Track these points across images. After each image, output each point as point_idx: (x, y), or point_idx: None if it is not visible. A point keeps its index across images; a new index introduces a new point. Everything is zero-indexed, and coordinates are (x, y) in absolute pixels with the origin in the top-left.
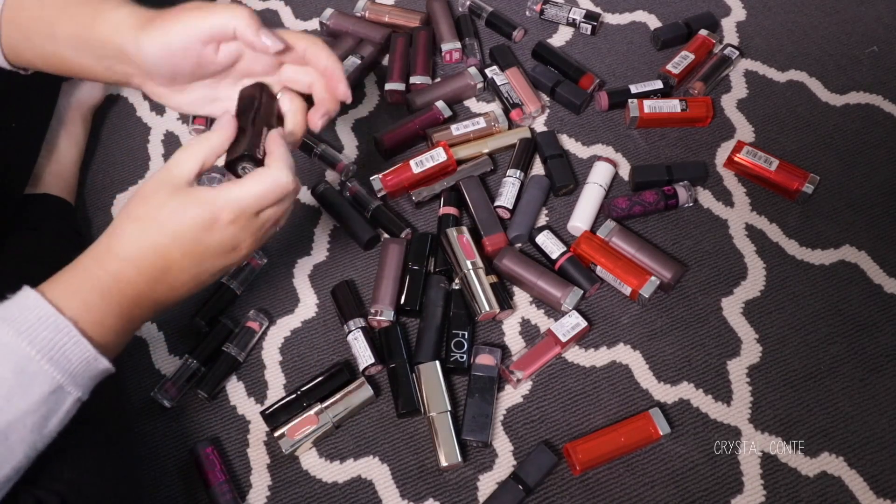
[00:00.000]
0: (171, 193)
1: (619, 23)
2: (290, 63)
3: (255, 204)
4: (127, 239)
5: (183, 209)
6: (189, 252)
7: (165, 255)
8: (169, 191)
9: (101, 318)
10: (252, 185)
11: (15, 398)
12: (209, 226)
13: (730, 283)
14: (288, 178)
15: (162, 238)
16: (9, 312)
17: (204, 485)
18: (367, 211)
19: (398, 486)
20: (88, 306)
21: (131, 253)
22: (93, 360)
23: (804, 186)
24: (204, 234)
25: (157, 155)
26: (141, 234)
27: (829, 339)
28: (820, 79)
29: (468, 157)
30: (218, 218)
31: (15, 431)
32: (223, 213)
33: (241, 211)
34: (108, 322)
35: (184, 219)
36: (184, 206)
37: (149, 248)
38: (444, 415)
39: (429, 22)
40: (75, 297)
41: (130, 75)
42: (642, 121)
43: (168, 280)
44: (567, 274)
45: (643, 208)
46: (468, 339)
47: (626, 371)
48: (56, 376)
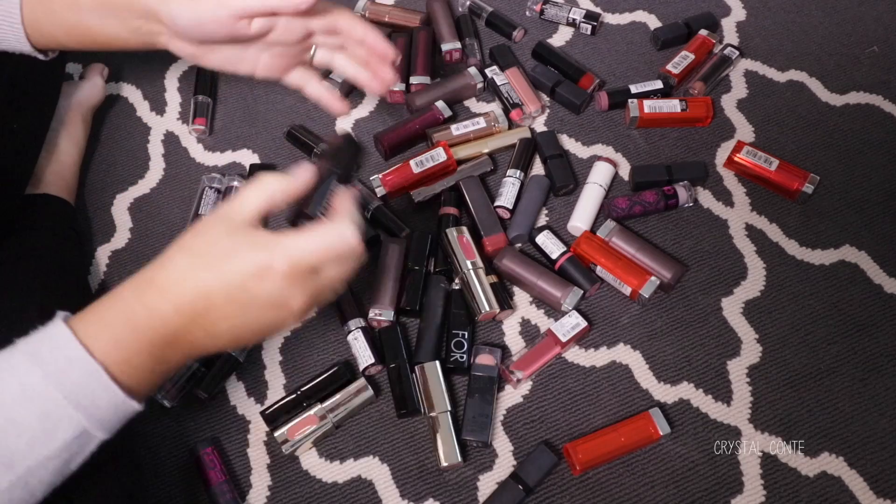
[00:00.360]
0: (228, 231)
1: (619, 23)
2: (322, 34)
3: (315, 258)
4: (172, 271)
5: (237, 250)
6: (234, 298)
7: (208, 295)
8: (226, 227)
9: (130, 356)
10: (315, 238)
11: (38, 444)
12: (261, 273)
13: (730, 283)
14: (354, 237)
15: (208, 276)
16: (38, 350)
17: (204, 485)
18: (367, 211)
19: (398, 486)
20: (118, 342)
21: (173, 287)
22: (121, 404)
23: (804, 186)
24: (253, 282)
25: (157, 155)
26: (187, 268)
27: (829, 339)
28: (820, 79)
29: (468, 157)
30: (272, 266)
31: (35, 476)
32: (279, 261)
33: (299, 263)
34: (137, 361)
35: (235, 260)
36: (239, 246)
37: (192, 286)
38: (444, 415)
39: (429, 22)
40: (106, 330)
41: (157, 34)
42: (642, 121)
43: (206, 324)
44: (567, 274)
45: (643, 208)
46: (468, 339)
47: (626, 371)
48: (83, 422)
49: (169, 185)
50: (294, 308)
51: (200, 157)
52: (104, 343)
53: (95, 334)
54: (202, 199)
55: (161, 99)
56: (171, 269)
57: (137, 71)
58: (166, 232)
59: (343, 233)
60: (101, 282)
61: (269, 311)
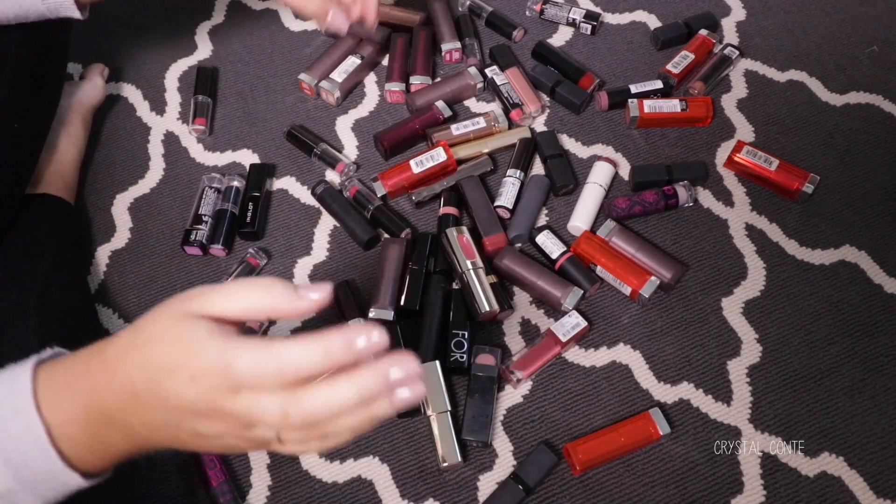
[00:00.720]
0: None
1: (619, 23)
2: None
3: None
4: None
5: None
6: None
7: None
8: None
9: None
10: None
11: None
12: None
13: (730, 283)
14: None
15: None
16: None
17: (204, 485)
18: (367, 211)
19: (398, 486)
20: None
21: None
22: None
23: (804, 186)
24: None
25: (157, 155)
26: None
27: (829, 339)
28: (820, 79)
29: (468, 157)
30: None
31: None
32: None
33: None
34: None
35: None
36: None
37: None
38: (444, 415)
39: (429, 22)
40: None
41: None
42: (642, 121)
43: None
44: (567, 274)
45: (643, 208)
46: (468, 339)
47: (626, 371)
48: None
49: (169, 185)
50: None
51: (200, 157)
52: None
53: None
54: (202, 199)
55: (161, 99)
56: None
57: (137, 71)
58: (166, 232)
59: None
60: (101, 282)
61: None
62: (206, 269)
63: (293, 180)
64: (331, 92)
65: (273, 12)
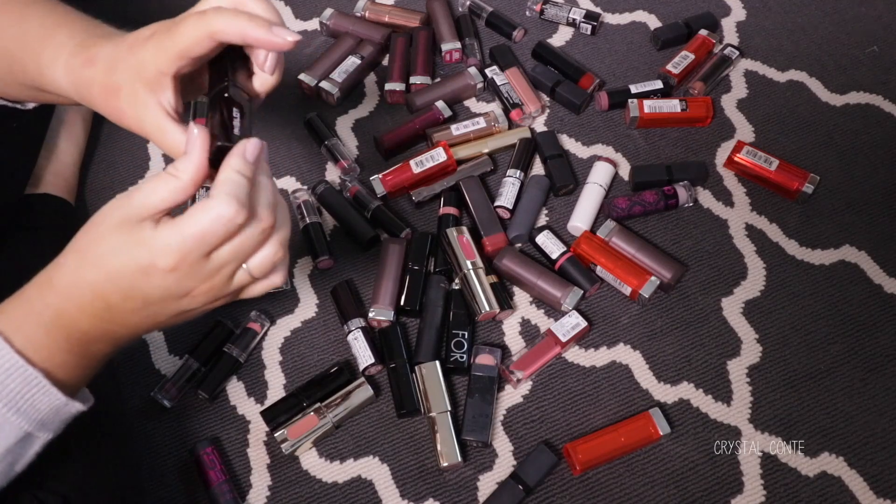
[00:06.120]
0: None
1: (619, 23)
2: None
3: (196, 246)
4: (65, 270)
5: (119, 249)
6: (129, 296)
7: (103, 295)
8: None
9: (45, 353)
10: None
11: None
12: (146, 271)
13: (730, 283)
14: (230, 210)
15: (97, 277)
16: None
17: (204, 485)
18: (367, 211)
19: (398, 486)
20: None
21: (69, 288)
22: (63, 405)
23: (804, 186)
24: (141, 280)
25: (156, 155)
26: (77, 267)
27: (829, 339)
28: (820, 79)
29: (468, 157)
30: (154, 264)
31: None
32: (160, 258)
33: (182, 255)
34: (60, 358)
35: (119, 259)
36: (121, 245)
37: (85, 286)
38: (444, 415)
39: (429, 22)
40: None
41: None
42: (642, 121)
43: (116, 319)
44: (567, 274)
45: (643, 208)
46: (468, 339)
47: (626, 371)
48: (24, 426)
49: None
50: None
51: None
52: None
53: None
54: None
55: None
56: (64, 270)
57: None
58: None
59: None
60: None
61: (172, 302)
62: None
63: (293, 180)
64: (331, 92)
65: None
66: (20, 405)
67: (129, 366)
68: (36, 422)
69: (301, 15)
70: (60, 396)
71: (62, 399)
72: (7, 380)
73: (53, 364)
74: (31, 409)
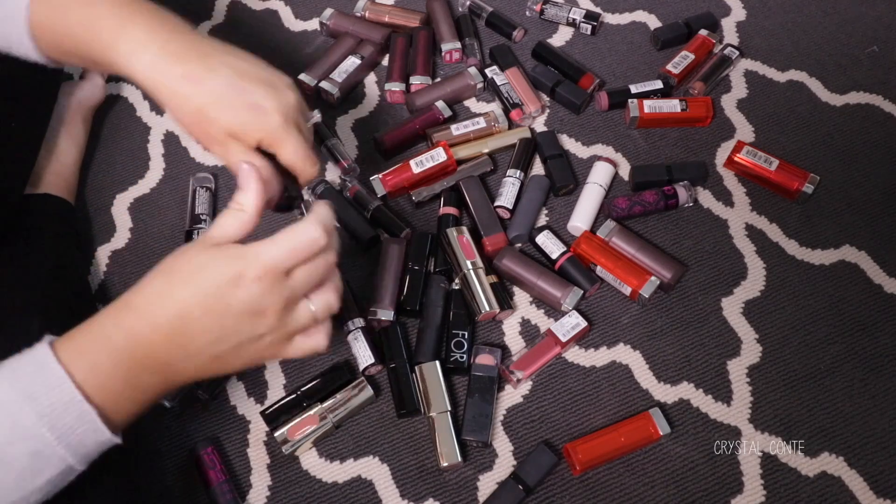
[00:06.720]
0: (203, 250)
1: (619, 23)
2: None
3: (283, 259)
4: (149, 291)
5: (210, 263)
6: (211, 309)
7: (185, 310)
8: (201, 247)
9: (106, 381)
10: (281, 240)
11: (25, 480)
12: (235, 280)
13: (730, 283)
14: (317, 232)
15: (184, 292)
16: (31, 388)
17: (204, 485)
18: (367, 211)
19: (398, 486)
20: (95, 368)
21: (150, 307)
22: (106, 441)
23: (804, 186)
24: (228, 290)
25: (157, 155)
26: (163, 286)
27: (829, 339)
28: (820, 79)
29: (468, 157)
30: (244, 273)
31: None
32: (250, 267)
33: (269, 267)
34: (112, 386)
35: (210, 272)
36: (212, 259)
37: (169, 302)
38: (444, 415)
39: (429, 22)
40: (83, 357)
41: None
42: (642, 121)
43: (184, 341)
44: (567, 274)
45: (643, 208)
46: (468, 339)
47: (626, 371)
48: (69, 460)
49: (169, 185)
50: (270, 318)
51: (200, 157)
52: (82, 369)
53: (74, 361)
54: (195, 199)
55: None
56: (148, 290)
57: None
58: (166, 232)
59: (307, 230)
60: (101, 282)
61: (246, 320)
62: None
63: None
64: (331, 92)
65: (273, 12)
66: (70, 440)
67: None
68: (80, 456)
69: (301, 15)
70: (108, 434)
71: (108, 436)
72: (64, 413)
73: (109, 396)
74: (79, 445)
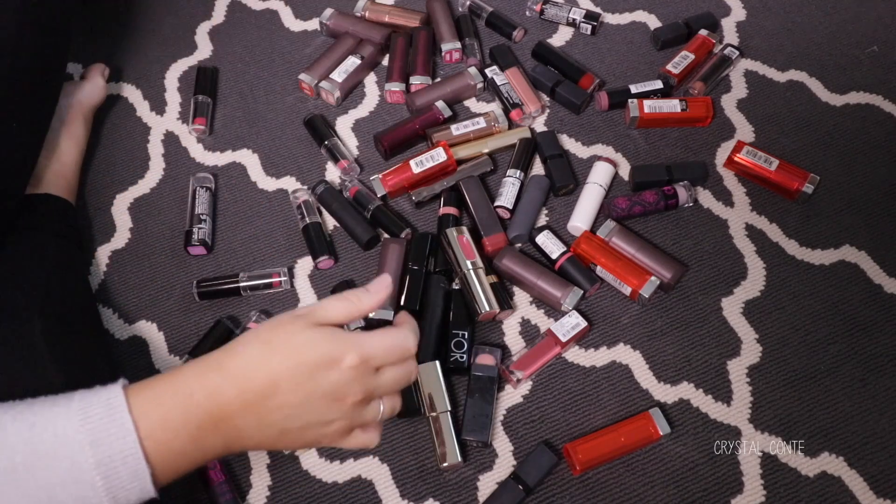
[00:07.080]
0: (305, 326)
1: (619, 23)
2: None
3: (380, 354)
4: (245, 358)
5: (312, 340)
6: (300, 385)
7: (276, 381)
8: (304, 324)
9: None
10: (383, 336)
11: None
12: (331, 363)
13: (730, 283)
14: (414, 340)
15: (282, 364)
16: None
17: (204, 485)
18: (367, 211)
19: (398, 486)
20: (166, 422)
21: (243, 371)
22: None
23: (804, 186)
24: (322, 370)
25: (157, 155)
26: (261, 354)
27: (829, 339)
28: (820, 79)
29: (468, 157)
30: (342, 357)
31: None
32: (350, 353)
33: (367, 357)
34: (177, 444)
35: (311, 349)
36: (318, 338)
37: (264, 371)
38: (444, 415)
39: (429, 22)
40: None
41: None
42: (642, 121)
43: (263, 411)
44: (567, 274)
45: (643, 208)
46: (468, 339)
47: (626, 371)
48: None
49: (169, 185)
50: (348, 405)
51: (200, 157)
52: (152, 421)
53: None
54: (195, 199)
55: (161, 99)
56: (244, 356)
57: (137, 71)
58: (166, 232)
59: (406, 336)
60: (101, 282)
61: (327, 402)
62: (206, 268)
63: (293, 180)
64: (331, 92)
65: (273, 12)
66: (118, 493)
67: (129, 366)
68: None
69: (301, 15)
70: (152, 492)
71: (153, 493)
72: (121, 466)
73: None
74: (124, 499)
